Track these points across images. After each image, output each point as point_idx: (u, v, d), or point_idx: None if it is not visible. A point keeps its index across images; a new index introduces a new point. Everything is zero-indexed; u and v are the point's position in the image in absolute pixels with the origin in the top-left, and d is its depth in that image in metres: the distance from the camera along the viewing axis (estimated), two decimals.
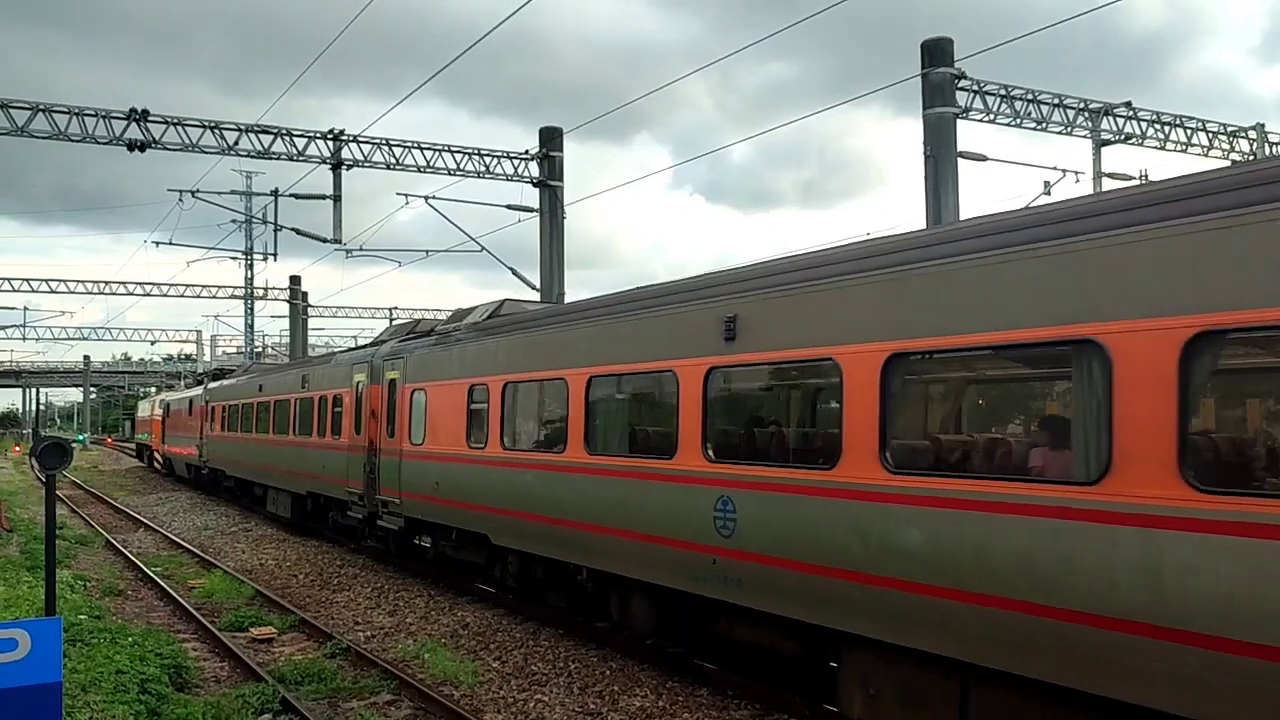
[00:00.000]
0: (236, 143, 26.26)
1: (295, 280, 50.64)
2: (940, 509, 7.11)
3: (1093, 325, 6.26)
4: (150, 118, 25.04)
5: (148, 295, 60.43)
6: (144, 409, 57.61)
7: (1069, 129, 26.22)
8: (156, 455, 48.14)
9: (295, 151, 26.73)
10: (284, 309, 53.03)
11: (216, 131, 25.94)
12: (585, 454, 11.16)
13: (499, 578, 14.43)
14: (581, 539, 11.24)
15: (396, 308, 68.58)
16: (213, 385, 34.90)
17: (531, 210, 27.55)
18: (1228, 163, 25.06)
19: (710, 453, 9.37)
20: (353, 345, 25.56)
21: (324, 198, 27.66)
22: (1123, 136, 27.01)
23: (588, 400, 11.25)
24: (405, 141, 27.65)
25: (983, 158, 23.48)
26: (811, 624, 8.29)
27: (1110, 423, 6.15)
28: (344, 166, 27.03)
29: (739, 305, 9.16)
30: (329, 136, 26.84)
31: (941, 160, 20.98)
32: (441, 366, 15.37)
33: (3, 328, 69.82)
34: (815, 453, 8.67)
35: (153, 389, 76.03)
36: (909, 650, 7.38)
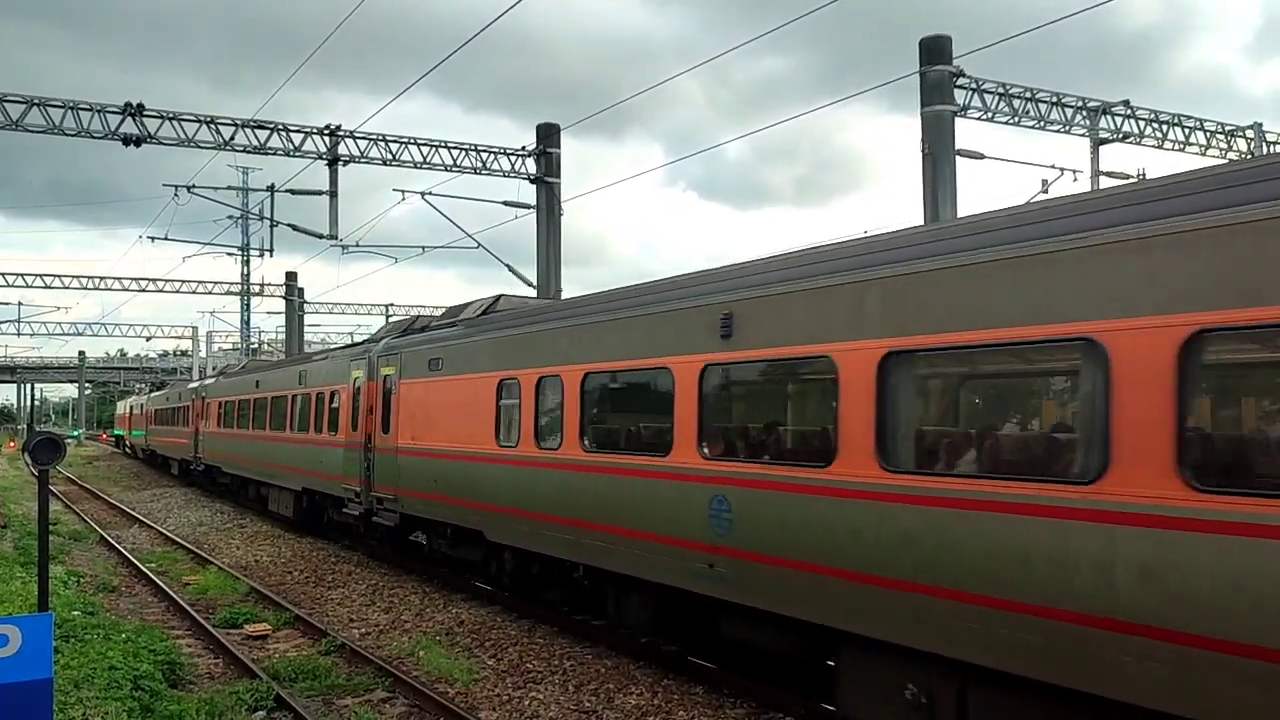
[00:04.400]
0: (233, 138, 26.18)
1: (291, 276, 50.48)
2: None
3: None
4: (146, 112, 24.94)
5: (143, 291, 60.17)
6: (120, 408, 75.57)
7: (1067, 127, 26.20)
8: (127, 443, 65.14)
9: (292, 147, 26.64)
10: (280, 305, 52.90)
11: (212, 126, 25.86)
12: (267, 431, 25.17)
13: (229, 486, 30.39)
14: (251, 467, 26.76)
15: (393, 304, 68.43)
16: (153, 394, 54.19)
17: (528, 207, 27.47)
18: (1225, 161, 25.05)
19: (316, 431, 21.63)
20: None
21: (320, 193, 27.57)
22: (1120, 135, 27.00)
23: (290, 405, 23.57)
24: (402, 137, 27.58)
25: (980, 156, 23.45)
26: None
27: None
28: (340, 162, 26.94)
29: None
30: (325, 132, 26.76)
31: (939, 158, 20.93)
32: (222, 390, 31.92)
33: None
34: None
35: (149, 387, 76.76)
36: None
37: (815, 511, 8.05)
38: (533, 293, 26.66)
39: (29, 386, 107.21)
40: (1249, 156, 28.51)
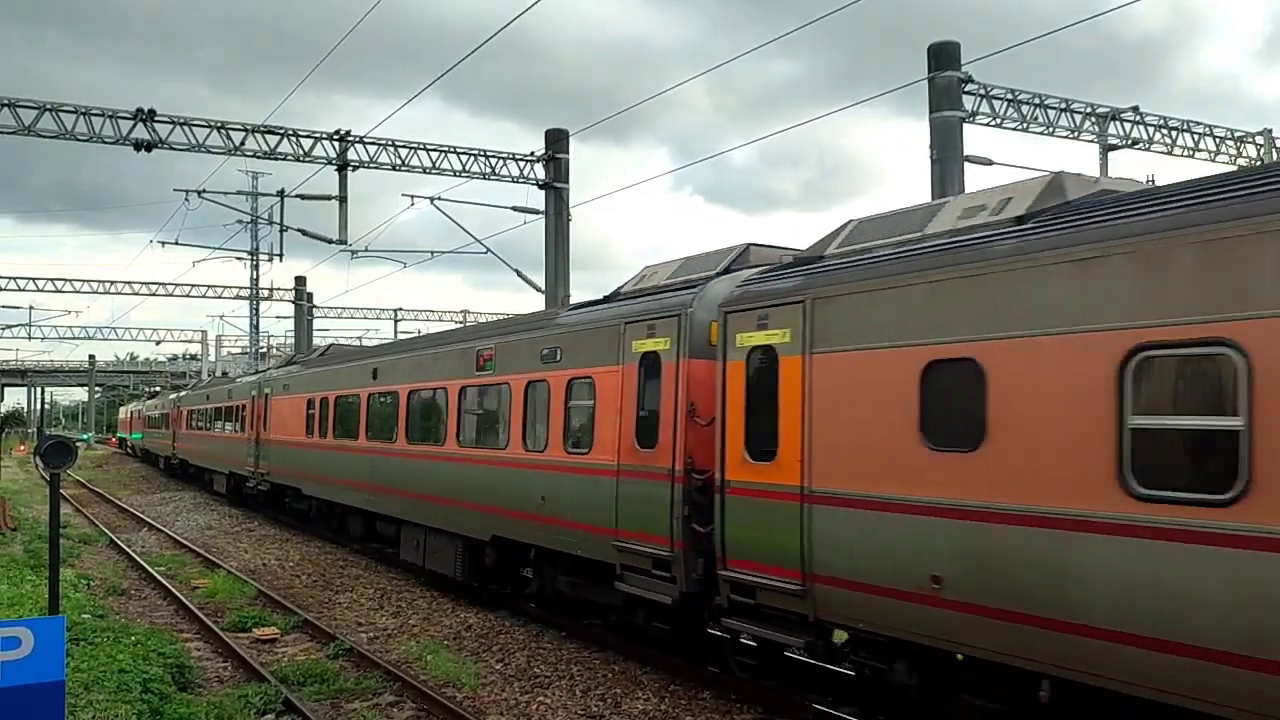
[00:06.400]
0: (243, 143, 26.26)
1: (300, 281, 50.65)
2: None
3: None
4: (157, 118, 25.05)
5: (153, 295, 60.44)
6: (122, 414, 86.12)
7: (1076, 133, 26.14)
8: (129, 444, 72.55)
9: (302, 152, 26.72)
10: (289, 309, 53.10)
11: (223, 132, 25.95)
12: (212, 432, 34.28)
13: (185, 473, 41.14)
14: (204, 458, 35.78)
15: (401, 309, 68.54)
16: (147, 402, 64.29)
17: (537, 212, 27.50)
18: (1234, 167, 24.95)
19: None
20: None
21: (330, 198, 27.61)
22: (1129, 141, 26.93)
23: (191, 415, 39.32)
24: (411, 143, 27.64)
25: (989, 162, 23.37)
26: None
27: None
28: (350, 167, 27.01)
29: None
30: (335, 137, 26.82)
31: (947, 164, 20.91)
32: (190, 400, 40.42)
33: (8, 326, 69.90)
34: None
35: (144, 394, 78.58)
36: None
37: (393, 464, 17.21)
38: (540, 297, 26.73)
39: (39, 390, 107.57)
40: (1260, 162, 28.42)
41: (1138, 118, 27.06)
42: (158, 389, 75.49)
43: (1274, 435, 5.37)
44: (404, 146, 27.54)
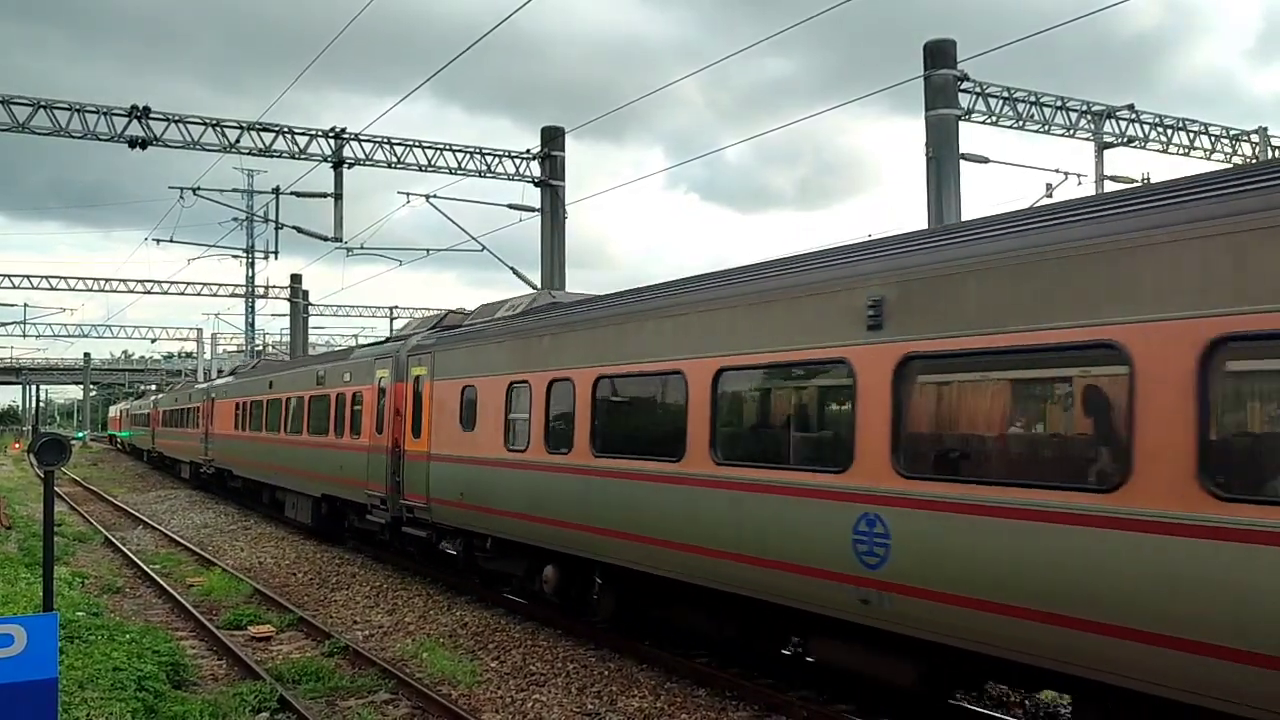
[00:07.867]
0: (238, 140, 26.21)
1: (296, 279, 50.54)
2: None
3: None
4: (152, 115, 24.99)
5: (148, 293, 60.30)
6: (112, 412, 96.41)
7: (1072, 131, 26.16)
8: (118, 441, 78.85)
9: (297, 149, 26.68)
10: (285, 307, 52.97)
11: (218, 129, 25.90)
12: (180, 429, 41.94)
13: (161, 463, 49.15)
14: (175, 449, 43.48)
15: (396, 306, 68.52)
16: (133, 401, 71.78)
17: (533, 210, 27.47)
18: (1229, 165, 24.94)
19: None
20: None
21: (325, 196, 27.58)
22: (1125, 139, 26.96)
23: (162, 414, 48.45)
24: (407, 140, 27.61)
25: (985, 160, 23.40)
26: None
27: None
28: (345, 165, 26.97)
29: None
30: (331, 135, 26.78)
31: (944, 162, 20.91)
32: (165, 403, 47.91)
33: (3, 324, 69.69)
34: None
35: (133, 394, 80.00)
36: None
37: (280, 449, 23.81)
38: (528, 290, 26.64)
39: (34, 388, 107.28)
40: (1254, 160, 28.45)
41: (1133, 115, 27.09)
42: (152, 387, 76.02)
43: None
44: (399, 144, 27.52)
